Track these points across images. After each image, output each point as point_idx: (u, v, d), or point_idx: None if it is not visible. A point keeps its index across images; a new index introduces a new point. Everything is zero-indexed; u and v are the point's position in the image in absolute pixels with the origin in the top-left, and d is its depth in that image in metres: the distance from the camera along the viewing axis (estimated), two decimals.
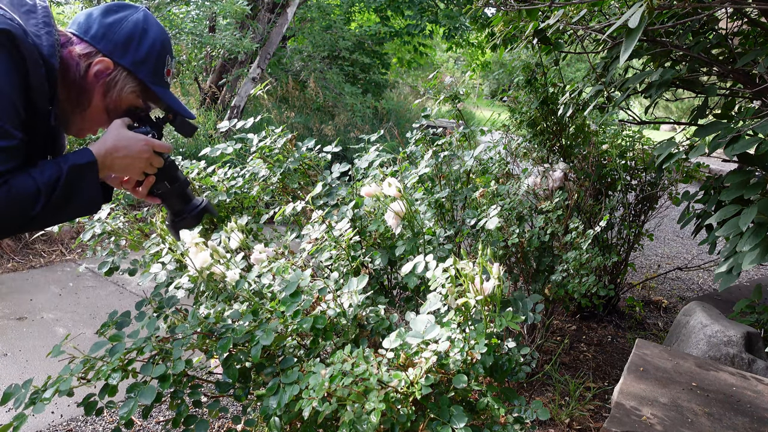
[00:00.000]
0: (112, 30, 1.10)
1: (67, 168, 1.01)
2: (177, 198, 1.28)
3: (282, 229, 2.10)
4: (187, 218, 1.30)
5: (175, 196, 1.28)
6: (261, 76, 6.29)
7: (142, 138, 1.11)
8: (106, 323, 1.21)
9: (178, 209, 1.30)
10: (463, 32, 9.18)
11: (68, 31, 1.10)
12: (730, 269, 1.85)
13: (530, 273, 2.35)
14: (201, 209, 1.31)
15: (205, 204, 1.33)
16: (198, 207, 1.31)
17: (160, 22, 1.16)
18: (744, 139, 1.66)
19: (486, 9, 2.61)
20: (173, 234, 1.37)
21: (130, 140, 1.10)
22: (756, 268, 4.90)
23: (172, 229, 1.34)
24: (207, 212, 1.33)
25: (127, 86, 1.11)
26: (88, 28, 1.09)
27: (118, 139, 1.09)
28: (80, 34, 1.09)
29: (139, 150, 1.10)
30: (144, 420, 2.28)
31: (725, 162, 2.10)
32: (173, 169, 1.25)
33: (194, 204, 1.31)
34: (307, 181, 2.14)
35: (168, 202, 1.30)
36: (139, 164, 1.12)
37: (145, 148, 1.11)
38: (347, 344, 1.18)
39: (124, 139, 1.09)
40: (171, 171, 1.24)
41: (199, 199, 1.34)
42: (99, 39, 1.09)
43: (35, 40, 0.99)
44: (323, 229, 1.63)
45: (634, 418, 1.66)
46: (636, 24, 1.32)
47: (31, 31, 0.99)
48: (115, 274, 2.26)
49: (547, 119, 3.04)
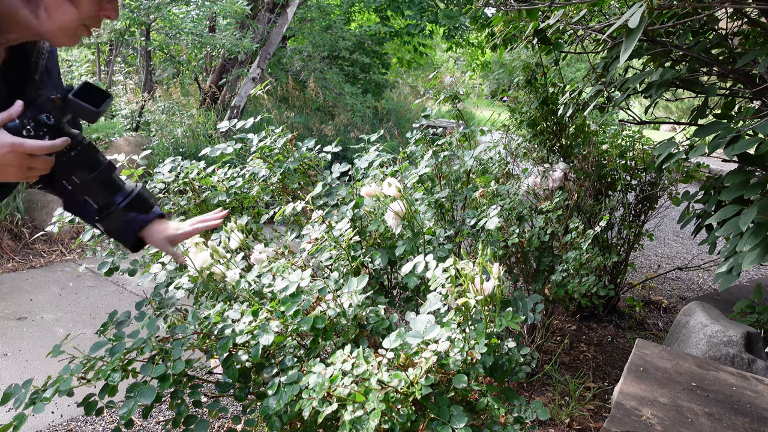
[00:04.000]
0: None
1: None
2: (101, 186, 1.08)
3: (282, 229, 2.10)
4: (115, 212, 1.11)
5: (97, 185, 1.07)
6: (261, 76, 6.29)
7: (7, 142, 0.90)
8: (106, 323, 1.21)
9: (104, 201, 1.10)
10: (463, 32, 9.18)
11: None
12: (730, 269, 1.85)
13: (530, 273, 2.35)
14: (130, 202, 1.10)
15: (137, 191, 1.12)
16: (127, 198, 1.10)
17: None
18: (744, 139, 1.66)
19: (486, 9, 2.61)
20: (102, 229, 1.16)
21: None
22: (756, 268, 4.90)
23: (100, 227, 1.15)
24: (140, 202, 1.13)
25: None
26: None
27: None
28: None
29: (5, 155, 0.90)
30: (144, 420, 2.28)
31: (725, 162, 2.10)
32: (90, 155, 1.04)
33: (124, 193, 1.11)
34: (307, 181, 2.14)
35: (89, 194, 1.09)
36: (13, 172, 0.93)
37: (14, 154, 0.91)
38: (347, 344, 1.18)
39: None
40: (86, 158, 1.03)
41: (131, 185, 1.12)
42: None
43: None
44: (323, 229, 1.63)
45: (634, 418, 1.66)
46: (636, 24, 1.32)
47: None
48: (115, 274, 2.25)
49: (547, 119, 3.04)
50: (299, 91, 8.24)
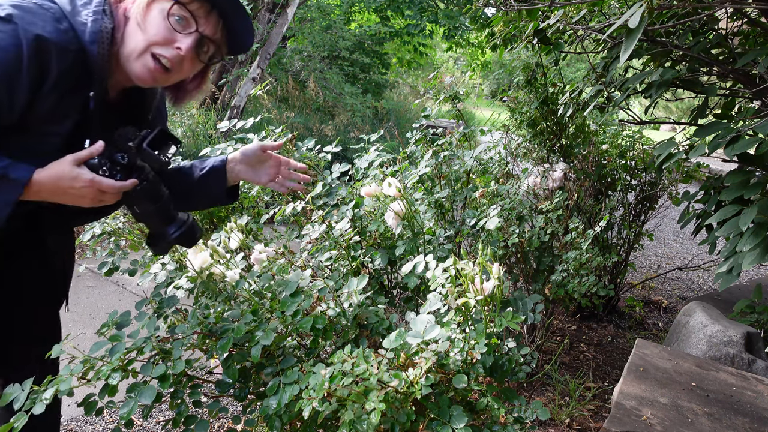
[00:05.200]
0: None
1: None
2: (158, 218, 1.20)
3: (282, 229, 2.10)
4: (161, 244, 1.23)
5: (155, 217, 1.19)
6: (261, 76, 6.29)
7: (86, 178, 1.06)
8: (106, 323, 1.21)
9: (157, 231, 1.22)
10: (463, 32, 9.18)
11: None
12: (730, 269, 1.85)
13: (530, 273, 2.35)
14: (180, 234, 1.22)
15: (186, 227, 1.23)
16: (179, 230, 1.21)
17: None
18: (744, 139, 1.66)
19: (486, 9, 2.61)
20: (152, 252, 1.28)
21: (74, 179, 1.05)
22: (756, 268, 4.90)
23: (150, 248, 1.26)
24: (189, 236, 1.24)
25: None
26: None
27: (61, 174, 1.05)
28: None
29: (81, 188, 1.06)
30: (144, 420, 2.28)
31: (725, 162, 2.10)
32: (153, 190, 1.16)
33: (178, 223, 1.22)
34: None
35: (146, 222, 1.21)
36: (85, 201, 1.09)
37: (88, 190, 1.07)
38: (347, 344, 1.18)
39: (67, 175, 1.05)
40: (150, 192, 1.15)
41: (182, 218, 1.23)
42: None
43: (80, 27, 1.04)
44: (323, 229, 1.63)
45: (634, 418, 1.66)
46: (636, 24, 1.32)
47: (80, 20, 1.05)
48: (115, 274, 2.26)
49: (547, 119, 3.04)
50: (299, 91, 8.24)
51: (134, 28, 1.09)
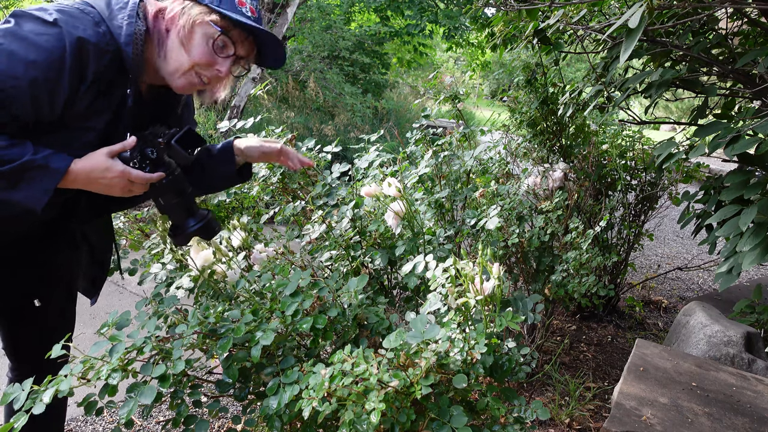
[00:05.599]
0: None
1: (26, 159, 1.06)
2: (180, 210, 1.30)
3: (282, 229, 2.10)
4: (177, 236, 1.32)
5: (177, 209, 1.29)
6: (261, 76, 6.29)
7: (118, 169, 1.16)
8: (106, 323, 1.21)
9: (179, 223, 1.31)
10: (463, 32, 9.18)
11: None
12: (730, 269, 1.85)
13: (530, 273, 2.35)
14: (200, 227, 1.31)
15: (206, 221, 1.32)
16: (199, 223, 1.31)
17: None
18: (744, 139, 1.66)
19: (486, 9, 2.61)
20: (173, 242, 1.38)
21: (106, 169, 1.15)
22: (756, 268, 4.90)
23: (171, 239, 1.35)
24: (202, 233, 1.33)
25: (192, 10, 1.17)
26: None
27: (95, 165, 1.15)
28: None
29: (112, 178, 1.16)
30: (144, 420, 2.28)
31: (725, 162, 2.10)
32: (178, 184, 1.26)
33: (198, 216, 1.32)
34: (307, 181, 2.14)
35: (169, 214, 1.31)
36: (115, 191, 1.19)
37: (119, 180, 1.17)
38: (347, 344, 1.18)
39: (100, 166, 1.15)
40: (175, 185, 1.26)
41: (203, 213, 1.33)
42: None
43: (116, 30, 1.13)
44: (323, 229, 1.63)
45: (634, 418, 1.66)
46: (636, 24, 1.32)
47: (116, 24, 1.14)
48: (115, 274, 2.26)
49: (547, 119, 3.04)
50: (299, 91, 8.24)
51: (177, 45, 1.19)
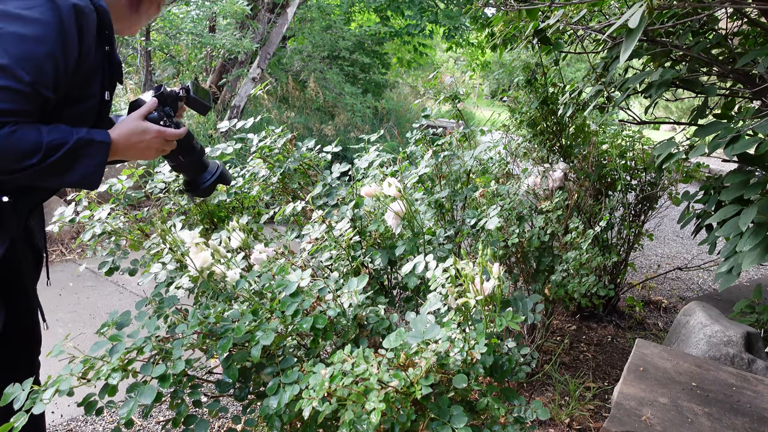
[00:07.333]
0: None
1: (76, 138, 1.08)
2: (197, 164, 1.38)
3: (282, 229, 2.10)
4: (200, 189, 1.41)
5: (195, 164, 1.37)
6: (261, 76, 6.29)
7: (154, 129, 1.21)
8: (106, 323, 1.21)
9: (194, 178, 1.40)
10: (463, 32, 9.17)
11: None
12: (730, 269, 1.85)
13: (530, 273, 2.35)
14: (217, 177, 1.41)
15: (219, 173, 1.42)
16: (215, 174, 1.40)
17: None
18: (744, 139, 1.66)
19: (486, 9, 2.61)
20: (188, 197, 1.48)
21: (144, 132, 1.20)
22: (756, 268, 4.90)
23: (187, 194, 1.45)
24: (221, 181, 1.43)
25: None
26: None
27: (133, 129, 1.19)
28: None
29: (151, 139, 1.21)
30: (144, 420, 2.28)
31: (725, 162, 2.10)
32: (189, 141, 1.32)
33: (210, 171, 1.41)
34: (307, 181, 2.14)
35: (184, 171, 1.40)
36: (152, 153, 1.24)
37: (157, 138, 1.22)
38: (347, 344, 1.18)
39: (139, 129, 1.19)
40: (187, 143, 1.31)
41: (214, 166, 1.42)
42: None
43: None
44: (323, 229, 1.63)
45: (634, 418, 1.66)
46: (636, 24, 1.32)
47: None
48: (115, 274, 2.25)
49: (547, 119, 3.04)
50: (299, 91, 8.24)
51: (150, 4, 1.28)
